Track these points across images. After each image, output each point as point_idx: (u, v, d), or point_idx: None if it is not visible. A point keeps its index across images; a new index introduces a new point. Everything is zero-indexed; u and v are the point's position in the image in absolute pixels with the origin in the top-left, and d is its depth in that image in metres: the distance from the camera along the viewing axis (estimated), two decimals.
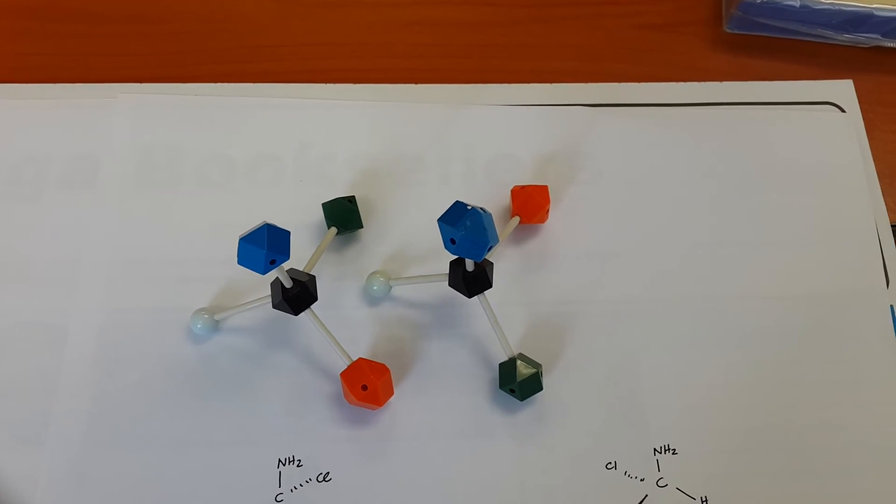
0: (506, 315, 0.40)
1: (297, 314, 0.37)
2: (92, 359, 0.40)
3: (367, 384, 0.37)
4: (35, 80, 0.46)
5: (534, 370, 0.38)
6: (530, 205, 0.42)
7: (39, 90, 0.46)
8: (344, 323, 0.40)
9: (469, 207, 0.33)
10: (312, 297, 0.37)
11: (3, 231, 0.42)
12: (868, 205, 0.45)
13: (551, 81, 0.47)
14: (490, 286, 0.37)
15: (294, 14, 0.49)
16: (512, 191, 0.43)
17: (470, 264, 0.37)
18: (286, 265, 0.35)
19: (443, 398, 0.40)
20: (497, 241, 0.34)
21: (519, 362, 0.39)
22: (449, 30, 0.50)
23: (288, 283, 0.36)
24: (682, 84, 0.48)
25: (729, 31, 0.50)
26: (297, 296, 0.36)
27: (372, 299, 0.42)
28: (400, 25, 0.50)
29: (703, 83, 0.48)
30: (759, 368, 0.41)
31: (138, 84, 0.46)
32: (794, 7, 0.47)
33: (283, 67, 0.48)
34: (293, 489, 0.38)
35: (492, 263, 0.38)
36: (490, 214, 0.33)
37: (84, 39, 0.48)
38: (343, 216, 0.42)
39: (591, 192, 0.45)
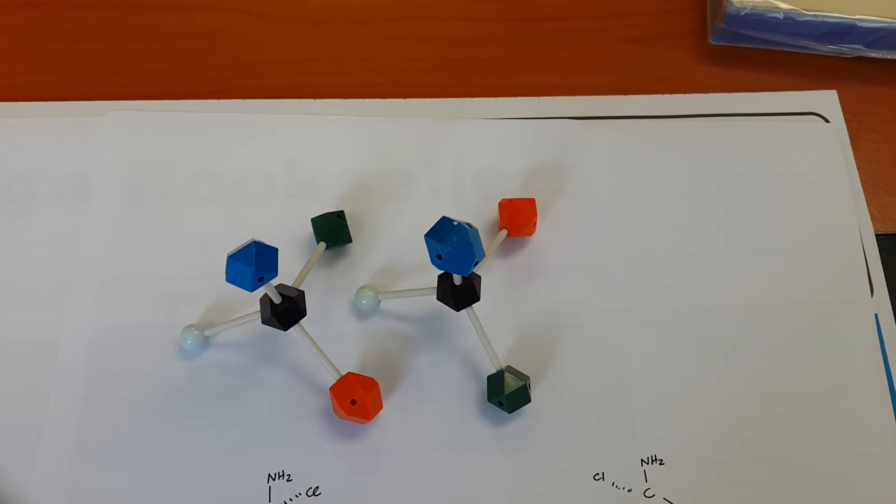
0: (494, 328, 0.40)
1: (286, 329, 0.37)
2: (82, 375, 0.40)
3: (355, 398, 0.37)
4: (24, 99, 0.46)
5: (522, 382, 0.39)
6: (518, 218, 0.42)
7: (28, 108, 0.46)
8: (333, 337, 0.41)
9: (455, 223, 0.33)
10: (301, 313, 0.37)
11: None
12: (852, 214, 0.45)
13: (538, 95, 0.48)
14: (478, 299, 0.38)
15: (281, 31, 0.50)
16: (499, 204, 0.43)
17: (458, 278, 0.37)
18: (275, 281, 0.36)
19: (431, 411, 0.40)
20: (483, 255, 0.34)
21: (507, 375, 0.39)
22: (436, 45, 0.50)
23: (277, 299, 0.36)
24: (667, 96, 0.48)
25: (714, 43, 0.50)
26: (286, 311, 0.37)
27: (361, 313, 0.42)
28: (387, 41, 0.50)
29: (688, 95, 0.48)
30: (744, 378, 0.41)
31: (127, 101, 0.46)
32: (777, 19, 0.47)
33: (271, 84, 0.48)
34: (284, 503, 0.38)
35: (479, 277, 0.38)
36: (476, 230, 0.34)
37: (72, 57, 0.48)
38: (332, 231, 0.42)
39: (579, 204, 0.45)
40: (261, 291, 0.35)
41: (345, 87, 0.48)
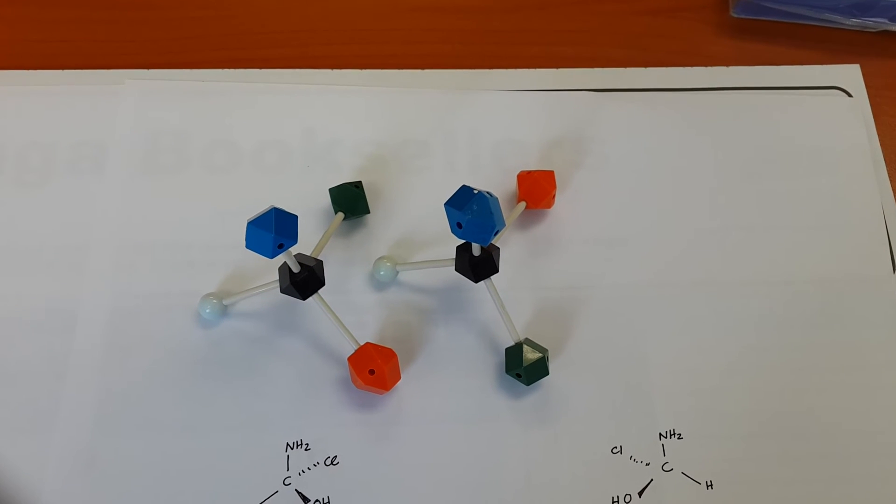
0: (512, 300, 0.40)
1: (304, 299, 0.37)
2: (101, 344, 0.40)
3: (374, 368, 0.37)
4: (41, 67, 0.46)
5: (540, 355, 0.39)
6: (536, 190, 0.42)
7: (45, 77, 0.46)
8: (351, 308, 0.41)
9: (476, 191, 0.33)
10: (320, 282, 0.37)
11: (12, 217, 0.42)
12: (875, 189, 0.45)
13: (554, 67, 0.47)
14: (496, 271, 0.38)
15: (298, 1, 0.49)
16: (518, 176, 0.43)
17: (476, 249, 0.37)
18: (294, 249, 0.36)
19: (449, 383, 0.40)
20: (503, 225, 0.34)
21: (525, 347, 0.39)
22: (451, 16, 0.50)
23: (296, 268, 0.36)
24: (688, 69, 0.48)
25: (735, 15, 0.50)
26: (304, 280, 0.37)
27: (379, 284, 0.42)
28: (403, 11, 0.50)
29: (709, 68, 0.48)
30: (764, 353, 0.41)
31: (144, 70, 0.46)
32: None
33: (287, 53, 0.48)
34: (301, 472, 0.38)
35: (498, 248, 0.38)
36: (496, 199, 0.33)
37: (89, 26, 0.48)
38: (350, 201, 0.42)
39: (598, 177, 0.45)
40: (279, 260, 0.35)
41: (360, 57, 0.48)
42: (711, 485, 0.38)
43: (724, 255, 0.43)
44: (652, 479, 0.38)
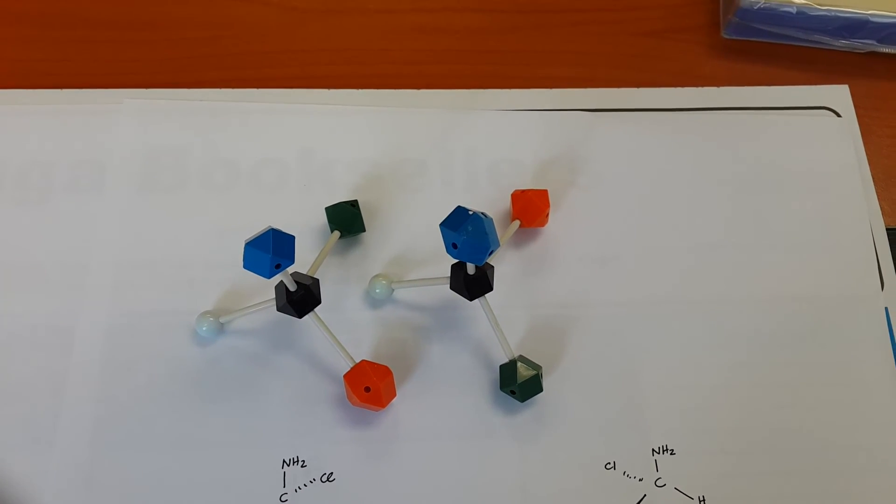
0: (506, 318, 0.41)
1: (301, 317, 0.37)
2: (99, 361, 0.40)
3: (369, 386, 0.37)
4: (40, 86, 0.46)
5: (534, 372, 0.39)
6: (530, 209, 0.43)
7: (45, 96, 0.46)
8: (347, 325, 0.41)
9: (470, 212, 0.34)
10: (316, 300, 0.38)
11: (11, 235, 0.43)
12: (863, 208, 0.45)
13: (550, 87, 0.48)
14: (491, 289, 0.38)
15: (295, 21, 0.50)
16: (512, 195, 0.43)
17: (471, 268, 0.37)
18: (290, 268, 0.36)
19: (444, 399, 0.40)
20: (498, 245, 0.34)
21: (519, 364, 0.39)
22: (448, 36, 0.50)
23: (292, 287, 0.37)
24: (680, 89, 0.48)
25: (726, 36, 0.51)
26: (301, 299, 0.37)
27: (374, 302, 0.42)
28: (400, 32, 0.50)
29: (700, 88, 0.49)
30: (755, 370, 0.41)
31: (143, 90, 0.47)
32: (790, 13, 0.48)
33: (285, 73, 0.48)
34: (297, 489, 0.38)
35: (492, 267, 0.38)
36: (491, 219, 0.34)
37: (88, 46, 0.48)
38: (346, 220, 0.42)
39: (591, 196, 0.45)
40: (276, 279, 0.36)
41: (358, 77, 0.48)
42: (704, 500, 0.39)
43: (715, 274, 0.44)
44: (645, 495, 0.39)
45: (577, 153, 0.46)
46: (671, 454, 0.40)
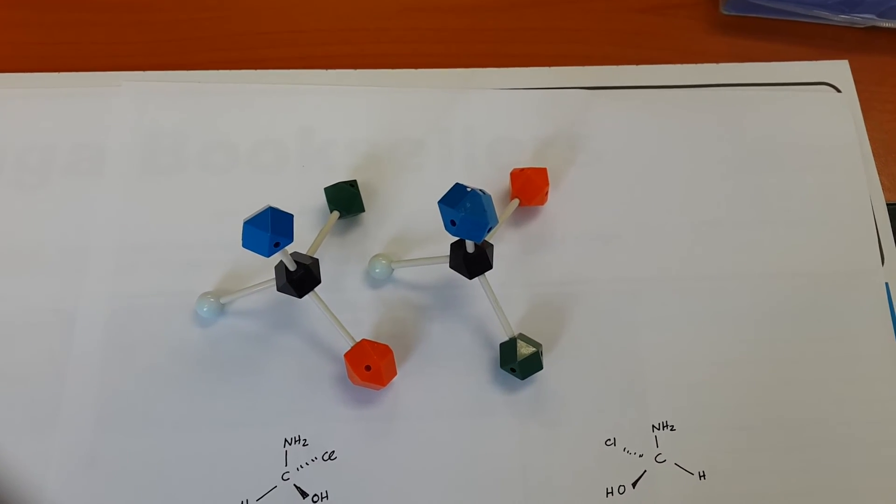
0: (506, 296, 0.41)
1: (301, 297, 0.37)
2: (100, 343, 0.40)
3: (370, 365, 0.38)
4: (39, 69, 0.46)
5: (534, 349, 0.39)
6: (529, 187, 0.43)
7: (43, 79, 0.46)
8: (347, 305, 0.41)
9: (469, 189, 0.33)
10: (316, 280, 0.38)
11: (11, 218, 0.43)
12: (864, 184, 0.45)
13: (548, 65, 0.48)
14: (490, 267, 0.38)
15: (293, 2, 0.50)
16: (511, 173, 0.43)
17: (470, 246, 0.37)
18: (290, 248, 0.36)
19: (445, 378, 0.40)
20: (497, 222, 0.34)
21: (519, 342, 0.39)
22: (445, 15, 0.50)
23: (292, 266, 0.37)
24: (679, 66, 0.48)
25: (725, 13, 0.50)
26: (300, 278, 0.37)
27: (374, 281, 0.42)
28: (397, 11, 0.50)
29: (700, 65, 0.48)
30: (755, 346, 0.42)
31: (141, 72, 0.47)
32: None
33: (283, 54, 0.48)
34: (299, 468, 0.38)
35: (492, 245, 0.38)
36: (489, 196, 0.34)
37: (86, 28, 0.48)
38: (345, 200, 0.42)
39: (590, 173, 0.45)
40: (275, 259, 0.36)
41: (356, 57, 0.48)
42: (704, 475, 0.39)
43: (715, 250, 0.44)
44: (645, 471, 0.39)
45: (576, 131, 0.46)
46: (671, 430, 0.40)
